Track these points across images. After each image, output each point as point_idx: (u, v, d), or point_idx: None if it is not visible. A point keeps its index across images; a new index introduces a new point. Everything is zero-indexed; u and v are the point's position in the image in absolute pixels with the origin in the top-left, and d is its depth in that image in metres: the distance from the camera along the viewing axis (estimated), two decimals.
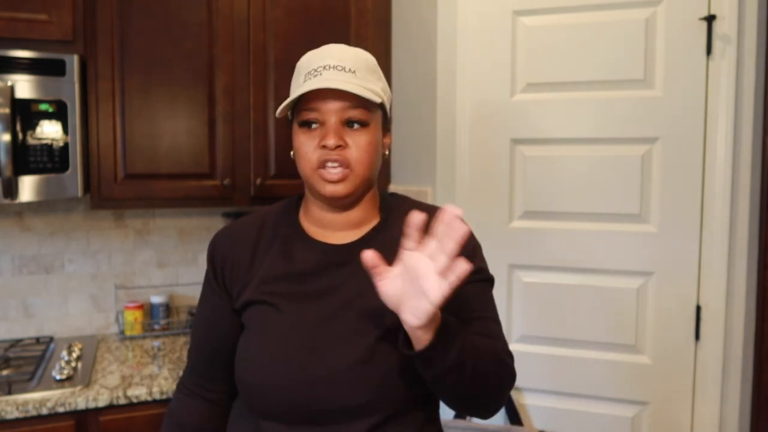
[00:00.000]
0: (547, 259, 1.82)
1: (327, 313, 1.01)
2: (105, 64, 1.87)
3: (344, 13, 2.09)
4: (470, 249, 1.06)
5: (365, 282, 0.99)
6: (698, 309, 1.70)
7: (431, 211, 1.08)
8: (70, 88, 1.78)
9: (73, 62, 1.78)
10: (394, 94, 2.15)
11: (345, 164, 0.99)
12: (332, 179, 0.99)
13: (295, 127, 1.03)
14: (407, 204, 1.12)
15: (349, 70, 0.99)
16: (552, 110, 1.79)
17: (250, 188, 2.05)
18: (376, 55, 1.21)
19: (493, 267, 1.85)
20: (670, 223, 1.71)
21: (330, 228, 1.07)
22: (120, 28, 1.88)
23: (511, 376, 1.00)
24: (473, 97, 1.87)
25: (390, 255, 0.97)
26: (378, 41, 2.13)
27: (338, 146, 0.98)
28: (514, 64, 1.82)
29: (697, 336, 1.71)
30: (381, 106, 1.03)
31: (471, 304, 1.02)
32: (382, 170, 1.10)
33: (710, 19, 1.63)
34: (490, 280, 1.09)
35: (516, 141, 1.84)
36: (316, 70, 0.99)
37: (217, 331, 1.11)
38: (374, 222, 1.09)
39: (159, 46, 1.92)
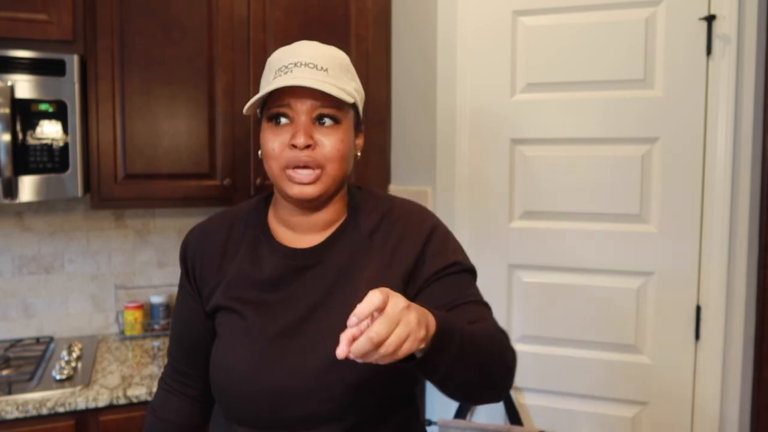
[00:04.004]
0: (547, 259, 1.82)
1: (291, 321, 1.00)
2: (105, 64, 1.87)
3: (344, 13, 2.09)
4: (437, 245, 1.03)
5: (329, 286, 1.00)
6: (698, 309, 1.70)
7: (391, 207, 1.06)
8: (70, 88, 1.78)
9: (73, 62, 1.78)
10: (394, 94, 2.15)
11: (315, 165, 0.96)
12: (302, 181, 0.96)
13: (264, 123, 1.00)
14: (372, 200, 1.09)
15: (321, 68, 0.96)
16: (552, 110, 1.79)
17: (250, 188, 2.05)
18: (376, 55, 1.20)
19: (493, 267, 1.87)
20: (670, 223, 1.71)
21: (298, 230, 1.05)
22: (120, 28, 1.88)
23: (513, 354, 0.94)
24: (473, 97, 1.87)
25: (354, 255, 1.01)
26: (378, 41, 2.13)
27: (308, 146, 0.95)
28: (514, 64, 1.82)
29: (697, 336, 1.71)
30: (353, 106, 1.01)
31: (451, 293, 0.99)
32: (382, 170, 1.09)
33: (710, 19, 1.63)
34: (469, 271, 1.04)
35: (516, 141, 1.84)
36: (287, 67, 0.96)
37: (193, 330, 1.11)
38: (341, 221, 1.06)
39: (159, 46, 1.92)
